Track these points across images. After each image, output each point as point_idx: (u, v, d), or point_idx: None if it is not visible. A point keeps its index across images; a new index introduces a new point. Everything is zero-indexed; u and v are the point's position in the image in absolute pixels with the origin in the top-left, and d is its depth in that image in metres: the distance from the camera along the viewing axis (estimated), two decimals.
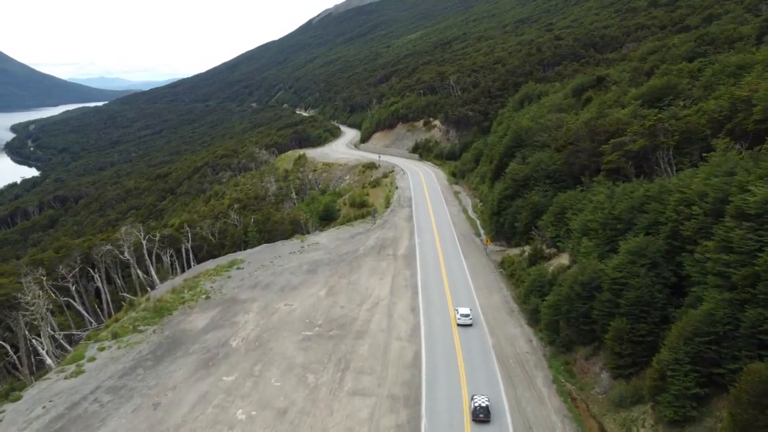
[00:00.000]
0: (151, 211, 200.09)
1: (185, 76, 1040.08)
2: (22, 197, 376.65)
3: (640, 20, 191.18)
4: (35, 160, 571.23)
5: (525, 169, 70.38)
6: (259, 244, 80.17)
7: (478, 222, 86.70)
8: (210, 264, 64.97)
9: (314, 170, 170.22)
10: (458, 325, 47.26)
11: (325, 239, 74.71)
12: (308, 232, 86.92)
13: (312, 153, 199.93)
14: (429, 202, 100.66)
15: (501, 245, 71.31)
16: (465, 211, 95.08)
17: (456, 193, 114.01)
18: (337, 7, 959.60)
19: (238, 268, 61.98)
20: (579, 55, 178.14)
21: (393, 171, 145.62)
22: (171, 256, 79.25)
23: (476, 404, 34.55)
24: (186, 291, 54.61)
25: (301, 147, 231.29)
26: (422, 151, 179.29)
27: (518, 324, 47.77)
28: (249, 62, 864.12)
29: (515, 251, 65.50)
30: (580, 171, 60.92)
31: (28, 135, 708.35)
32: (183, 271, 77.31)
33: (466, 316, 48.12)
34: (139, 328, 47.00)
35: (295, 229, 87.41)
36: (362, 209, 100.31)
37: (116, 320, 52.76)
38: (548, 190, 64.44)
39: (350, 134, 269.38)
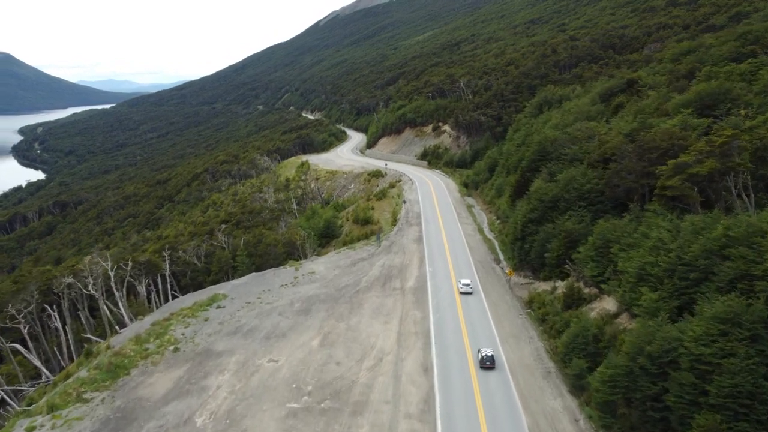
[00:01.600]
0: (148, 220, 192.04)
1: (193, 79, 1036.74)
2: (26, 201, 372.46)
3: (660, 19, 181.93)
4: (41, 162, 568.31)
5: (554, 188, 60.68)
6: (249, 269, 70.79)
7: (496, 244, 76.95)
8: (187, 300, 55.70)
9: (317, 178, 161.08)
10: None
11: (322, 267, 65.27)
12: (304, 256, 77.51)
13: (315, 159, 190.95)
14: (440, 218, 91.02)
15: (526, 276, 61.61)
16: (481, 230, 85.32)
17: (469, 207, 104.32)
18: (344, 8, 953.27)
19: (219, 307, 52.64)
20: (597, 57, 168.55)
21: (400, 180, 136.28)
22: (148, 285, 70.00)
23: None
24: (152, 339, 45.33)
25: (304, 152, 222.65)
26: (431, 158, 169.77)
27: (558, 392, 38.06)
28: (256, 64, 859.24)
29: (544, 286, 55.75)
30: (625, 195, 51.15)
31: (35, 137, 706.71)
32: (163, 301, 68.13)
33: (469, 287, 55.55)
34: (85, 395, 37.73)
35: (289, 253, 78.02)
36: (366, 227, 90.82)
37: (67, 375, 43.69)
38: (584, 215, 54.68)
39: (356, 138, 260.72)
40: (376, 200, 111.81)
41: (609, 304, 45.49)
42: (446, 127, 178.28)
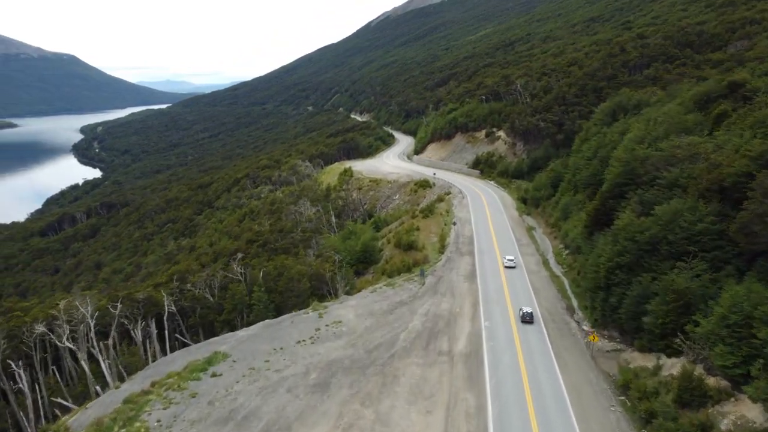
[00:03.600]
0: (186, 226, 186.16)
1: (247, 80, 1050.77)
2: (81, 199, 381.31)
3: (744, 14, 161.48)
4: (99, 161, 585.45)
5: (651, 226, 46.40)
6: (266, 308, 59.60)
7: (566, 283, 62.87)
8: (178, 360, 44.72)
9: (359, 188, 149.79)
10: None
11: (352, 313, 53.12)
12: (334, 292, 65.72)
13: (359, 166, 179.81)
14: (496, 245, 77.40)
15: (612, 338, 47.61)
16: (545, 262, 71.23)
17: (529, 230, 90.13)
18: (395, 9, 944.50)
19: (214, 375, 41.30)
20: (672, 56, 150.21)
21: (449, 193, 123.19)
22: (145, 327, 59.15)
23: None
24: (116, 428, 34.58)
25: (349, 158, 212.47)
26: (484, 167, 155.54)
27: None
28: (307, 65, 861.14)
29: (642, 360, 41.72)
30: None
31: (94, 136, 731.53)
32: (159, 352, 57.69)
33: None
34: None
35: (316, 288, 66.42)
36: (409, 253, 78.32)
37: None
38: (701, 267, 40.38)
39: (404, 142, 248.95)
40: (422, 218, 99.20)
41: (751, 410, 31.42)
42: (501, 133, 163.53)
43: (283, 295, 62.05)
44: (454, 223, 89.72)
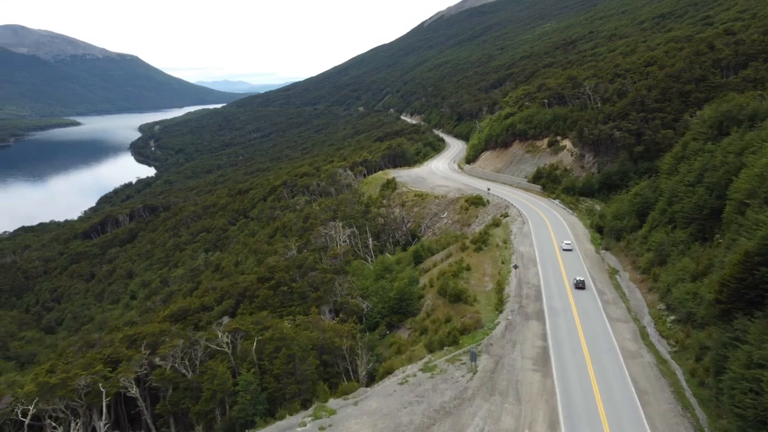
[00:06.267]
0: (218, 237, 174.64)
1: (300, 80, 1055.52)
2: (133, 197, 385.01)
3: None
4: (154, 159, 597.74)
5: None
6: (256, 401, 42.78)
7: (680, 375, 43.73)
8: None
9: (403, 203, 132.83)
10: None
11: (368, 428, 36.25)
12: (353, 371, 48.76)
13: (404, 176, 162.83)
14: (573, 302, 58.59)
15: None
16: (644, 334, 51.77)
17: (612, 274, 70.49)
18: (449, 9, 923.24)
19: None
20: None
21: (507, 215, 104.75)
22: (85, 424, 43.26)
23: None
24: None
25: (394, 166, 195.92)
26: (546, 182, 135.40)
27: None
28: (359, 66, 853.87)
29: None
30: None
31: (151, 135, 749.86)
32: None
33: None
34: None
35: (328, 363, 49.49)
36: (457, 307, 60.52)
37: None
38: None
39: (455, 148, 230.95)
40: (474, 250, 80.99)
41: None
42: (566, 143, 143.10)
43: (279, 380, 45.53)
44: (515, 267, 70.96)
